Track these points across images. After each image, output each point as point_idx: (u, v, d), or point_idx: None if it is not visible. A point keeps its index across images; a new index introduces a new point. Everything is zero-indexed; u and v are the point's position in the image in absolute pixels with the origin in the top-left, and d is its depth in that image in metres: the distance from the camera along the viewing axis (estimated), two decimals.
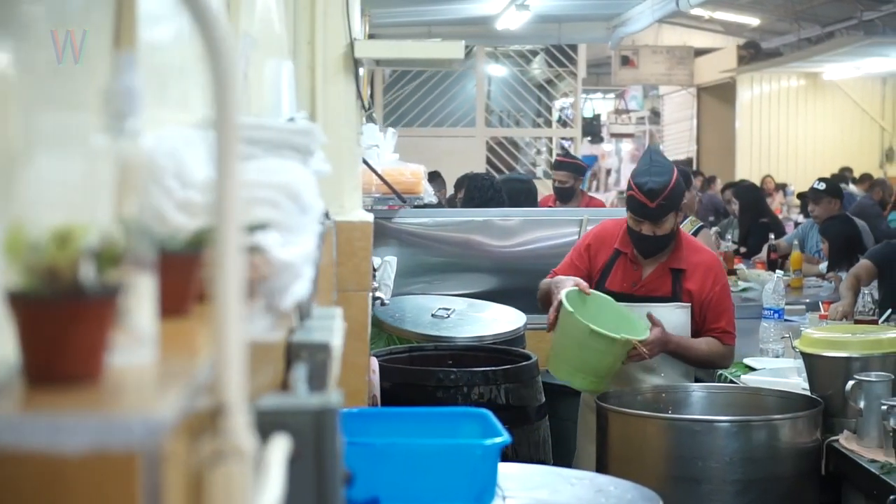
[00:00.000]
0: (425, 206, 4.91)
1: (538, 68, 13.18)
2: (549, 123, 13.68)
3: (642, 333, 3.72)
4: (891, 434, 3.20)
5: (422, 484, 2.33)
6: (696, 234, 6.27)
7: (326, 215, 3.20)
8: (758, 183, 16.57)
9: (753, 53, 16.92)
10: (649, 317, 3.81)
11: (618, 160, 24.26)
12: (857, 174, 14.81)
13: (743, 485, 3.30)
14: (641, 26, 9.25)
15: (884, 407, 3.23)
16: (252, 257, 1.36)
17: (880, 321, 4.96)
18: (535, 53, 13.05)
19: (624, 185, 23.32)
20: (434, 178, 9.37)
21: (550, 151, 13.79)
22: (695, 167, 18.54)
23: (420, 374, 4.15)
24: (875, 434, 3.32)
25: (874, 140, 17.02)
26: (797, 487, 3.39)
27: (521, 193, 6.56)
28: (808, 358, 3.63)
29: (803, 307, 5.82)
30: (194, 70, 1.78)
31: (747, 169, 16.77)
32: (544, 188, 12.76)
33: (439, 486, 2.34)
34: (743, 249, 8.35)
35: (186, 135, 1.50)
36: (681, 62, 18.39)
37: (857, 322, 4.97)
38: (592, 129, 19.54)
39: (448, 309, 4.90)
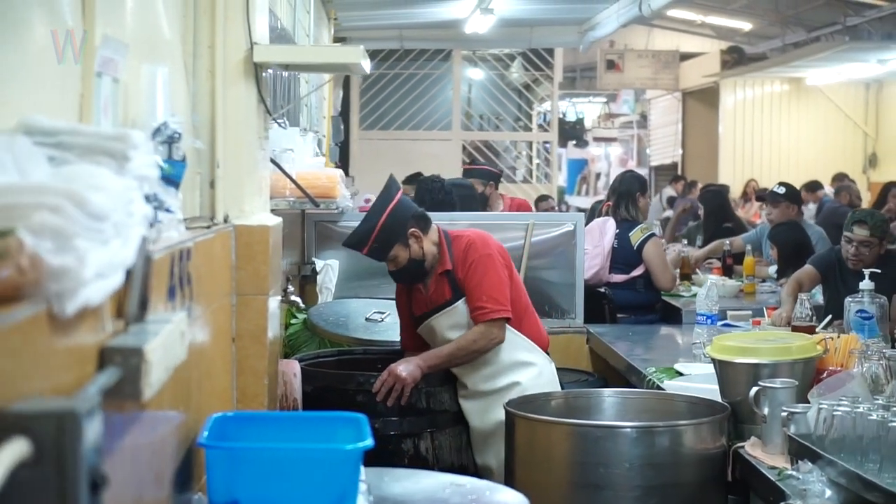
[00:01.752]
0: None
1: (516, 72, 13.20)
2: (528, 127, 13.69)
3: None
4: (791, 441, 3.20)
5: (281, 488, 2.34)
6: (645, 241, 6.28)
7: (225, 219, 3.23)
8: (741, 187, 16.63)
9: (737, 58, 16.93)
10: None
11: (607, 164, 24.30)
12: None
13: (643, 490, 3.30)
14: (608, 31, 9.26)
15: (784, 413, 3.23)
16: (19, 260, 1.37)
17: (819, 327, 4.95)
18: (512, 58, 13.06)
19: None
20: (412, 180, 9.39)
21: (531, 157, 13.81)
22: (680, 171, 18.56)
23: (341, 378, 4.16)
24: (779, 441, 3.32)
25: (857, 145, 17.02)
26: (700, 494, 3.39)
27: (468, 198, 6.57)
28: (718, 364, 3.63)
29: (749, 312, 5.82)
30: None
31: (730, 173, 16.78)
32: (520, 191, 12.79)
33: (299, 491, 2.34)
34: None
35: None
36: (666, 66, 18.41)
37: (794, 328, 4.96)
38: (576, 133, 19.53)
39: (383, 313, 4.90)
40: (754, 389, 3.38)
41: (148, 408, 2.04)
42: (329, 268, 5.49)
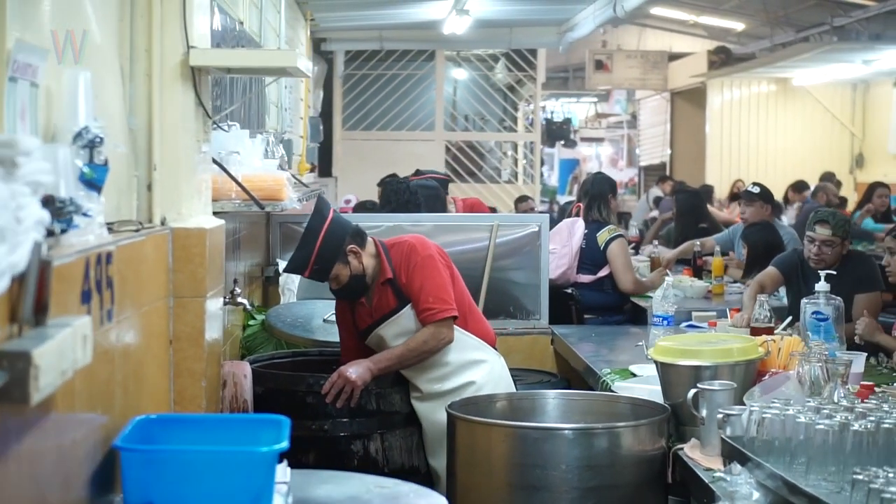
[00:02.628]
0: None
1: (500, 73, 13.21)
2: (514, 128, 13.70)
3: None
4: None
5: (195, 490, 2.35)
6: (610, 241, 6.30)
7: (163, 222, 3.24)
8: (728, 188, 16.62)
9: (724, 58, 16.93)
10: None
11: (598, 164, 24.31)
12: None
13: (581, 492, 3.32)
14: (585, 32, 9.28)
15: (720, 416, 3.25)
16: None
17: (780, 328, 4.96)
18: (496, 59, 13.08)
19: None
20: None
21: (515, 159, 13.81)
22: (668, 171, 18.57)
23: (291, 379, 4.17)
24: (716, 443, 3.33)
25: (844, 146, 17.02)
26: (639, 495, 3.40)
27: (433, 198, 6.58)
28: (659, 366, 3.65)
29: (714, 314, 5.83)
30: None
31: (717, 174, 16.79)
32: (503, 192, 12.81)
33: (213, 492, 2.36)
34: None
35: None
36: (655, 67, 18.41)
37: (752, 330, 4.98)
38: (563, 133, 19.54)
39: None
40: (692, 391, 3.40)
41: (50, 411, 2.06)
42: None
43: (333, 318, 4.93)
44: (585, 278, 6.33)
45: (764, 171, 16.82)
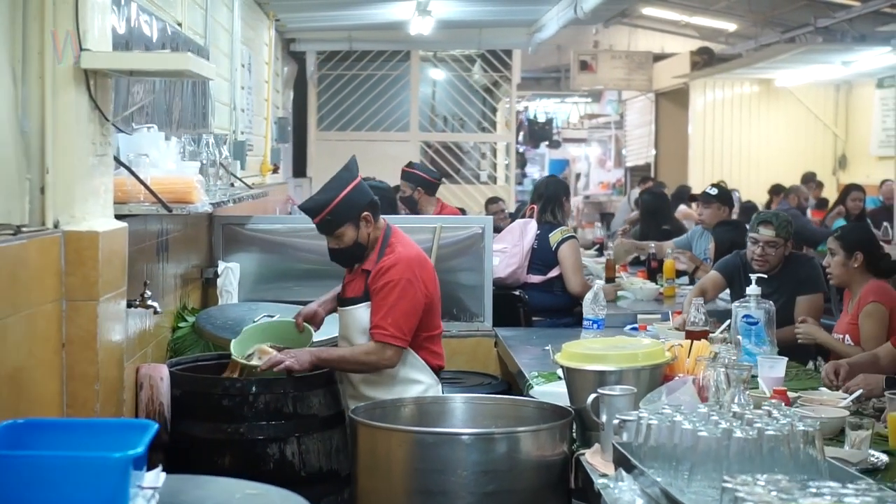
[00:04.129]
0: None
1: (477, 74, 13.19)
2: (494, 127, 13.68)
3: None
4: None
5: (47, 495, 2.34)
6: (562, 242, 6.29)
7: (56, 225, 3.22)
8: None
9: (707, 59, 16.91)
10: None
11: (587, 165, 24.29)
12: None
13: (479, 497, 3.31)
14: (551, 33, 9.25)
15: (616, 421, 3.23)
16: None
17: (718, 331, 4.94)
18: (472, 60, 13.05)
19: (592, 190, 23.46)
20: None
21: (494, 163, 13.78)
22: (653, 172, 18.54)
23: (207, 382, 4.16)
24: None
25: (827, 147, 16.99)
26: (539, 500, 3.39)
27: (382, 200, 6.55)
28: (565, 371, 3.63)
29: (658, 316, 5.82)
30: None
31: (700, 175, 16.76)
32: (478, 193, 12.78)
33: (65, 498, 2.34)
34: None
35: None
36: (640, 67, 18.40)
37: (687, 334, 4.96)
38: (546, 134, 19.51)
39: (272, 316, 4.89)
40: (592, 396, 3.38)
41: None
42: (229, 271, 5.50)
43: (264, 320, 4.92)
44: (535, 278, 6.32)
45: (747, 172, 16.81)
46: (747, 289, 4.86)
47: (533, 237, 6.31)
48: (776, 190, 13.45)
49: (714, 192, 7.79)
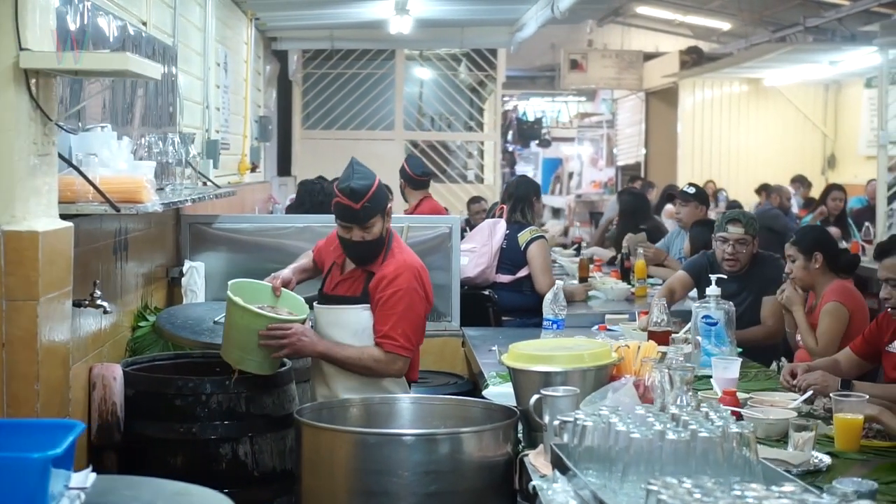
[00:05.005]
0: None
1: (463, 73, 13.20)
2: (481, 127, 13.68)
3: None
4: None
5: None
6: (531, 242, 6.29)
7: None
8: None
9: (696, 58, 16.90)
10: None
11: (580, 164, 24.26)
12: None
13: (421, 498, 3.30)
14: (530, 32, 9.25)
15: (556, 423, 3.22)
16: None
17: (682, 332, 4.94)
18: (457, 59, 13.05)
19: (585, 188, 23.45)
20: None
21: (481, 162, 13.79)
22: (643, 171, 18.54)
23: (160, 382, 4.15)
24: None
25: (816, 147, 16.99)
26: (482, 501, 3.38)
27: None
28: (512, 372, 3.63)
29: (626, 316, 5.82)
30: None
31: (689, 174, 16.73)
32: (463, 192, 12.78)
33: None
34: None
35: None
36: (630, 66, 18.40)
37: (650, 334, 4.96)
38: (535, 133, 19.51)
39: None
40: (534, 397, 3.38)
41: None
42: (194, 270, 5.49)
43: (223, 319, 4.91)
44: (504, 278, 6.32)
45: (736, 171, 16.81)
46: (707, 289, 4.86)
47: (502, 237, 6.31)
48: (763, 189, 13.46)
49: (692, 190, 7.84)
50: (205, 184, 6.41)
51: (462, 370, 5.85)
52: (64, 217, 3.54)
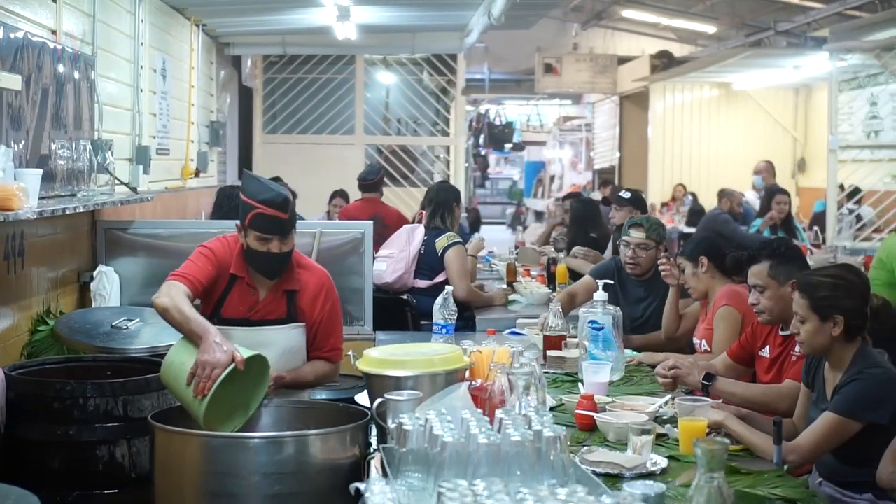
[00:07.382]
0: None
1: (426, 78, 13.29)
2: (446, 132, 13.76)
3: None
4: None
5: None
6: (448, 247, 6.37)
7: None
8: (670, 191, 16.67)
9: (666, 63, 16.98)
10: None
11: (561, 167, 24.37)
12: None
13: (267, 499, 3.36)
14: (475, 38, 9.35)
15: (394, 426, 3.30)
16: None
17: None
18: (418, 65, 13.13)
19: (566, 191, 23.53)
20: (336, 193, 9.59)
21: (447, 166, 13.86)
22: (616, 175, 18.63)
23: (39, 385, 4.24)
24: None
25: (786, 150, 17.05)
26: (325, 502, 3.45)
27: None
28: (365, 376, 3.71)
29: (535, 321, 5.88)
30: None
31: (659, 177, 16.84)
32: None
33: None
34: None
35: None
36: (604, 70, 18.48)
37: (545, 339, 5.04)
38: (506, 136, 19.60)
39: (132, 320, 4.98)
40: (378, 402, 3.46)
41: None
42: (103, 275, 5.58)
43: (122, 324, 4.99)
44: (422, 283, 6.40)
45: (706, 175, 16.88)
46: (594, 294, 4.93)
47: (420, 242, 6.39)
48: (724, 194, 13.50)
49: (627, 195, 7.89)
50: (135, 190, 6.51)
51: None
52: None
